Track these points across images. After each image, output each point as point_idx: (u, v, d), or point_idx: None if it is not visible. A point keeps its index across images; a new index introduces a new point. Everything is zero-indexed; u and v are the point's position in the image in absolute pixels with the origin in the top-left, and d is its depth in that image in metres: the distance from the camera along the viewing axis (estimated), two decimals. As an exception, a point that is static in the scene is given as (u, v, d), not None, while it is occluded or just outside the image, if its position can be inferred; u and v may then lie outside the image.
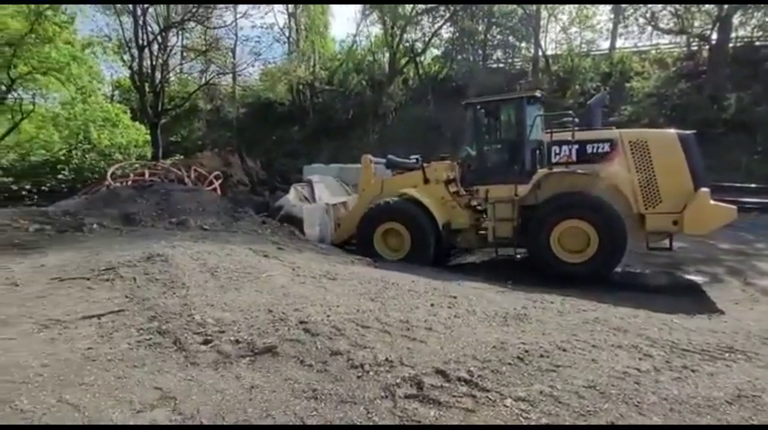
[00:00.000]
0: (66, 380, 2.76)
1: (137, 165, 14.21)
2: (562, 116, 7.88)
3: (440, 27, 28.38)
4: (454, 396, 2.65)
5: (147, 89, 20.40)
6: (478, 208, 8.01)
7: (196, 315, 3.61)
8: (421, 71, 29.61)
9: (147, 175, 10.75)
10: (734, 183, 15.55)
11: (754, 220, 11.35)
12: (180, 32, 23.58)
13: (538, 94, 8.03)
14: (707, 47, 22.78)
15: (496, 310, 4.27)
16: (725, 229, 10.51)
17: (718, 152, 18.24)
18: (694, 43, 23.79)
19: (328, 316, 3.68)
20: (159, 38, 20.63)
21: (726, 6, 20.55)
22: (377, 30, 30.97)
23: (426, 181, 8.25)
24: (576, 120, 7.50)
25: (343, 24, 73.02)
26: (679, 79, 22.07)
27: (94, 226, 6.77)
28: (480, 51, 28.31)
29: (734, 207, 6.91)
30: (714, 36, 22.01)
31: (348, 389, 2.69)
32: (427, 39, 28.94)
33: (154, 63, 20.54)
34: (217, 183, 11.41)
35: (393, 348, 3.20)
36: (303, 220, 8.60)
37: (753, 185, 15.10)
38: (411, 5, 27.49)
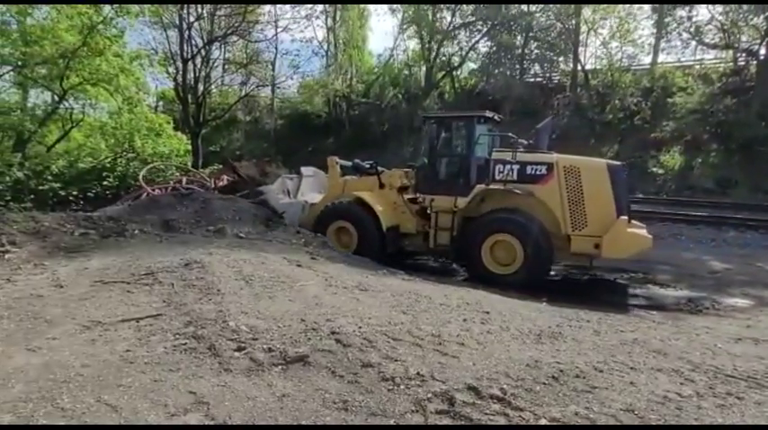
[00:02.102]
0: (105, 381, 2.85)
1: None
2: (509, 137, 8.31)
3: (477, 41, 28.38)
4: (486, 414, 2.60)
5: (189, 100, 21.08)
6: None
7: (230, 322, 3.67)
8: (457, 85, 29.60)
9: (183, 182, 11.04)
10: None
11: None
12: (222, 46, 24.31)
13: (489, 114, 8.54)
14: (754, 62, 21.95)
15: (530, 328, 4.19)
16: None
17: (766, 170, 17.50)
18: (741, 58, 22.94)
19: (360, 327, 3.68)
20: (203, 51, 21.35)
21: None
22: (414, 44, 31.22)
23: (381, 186, 8.85)
24: (524, 142, 8.07)
25: (381, 38, 74.08)
26: (725, 95, 21.32)
27: (136, 231, 6.99)
28: (517, 65, 28.09)
29: (649, 236, 7.37)
30: (762, 51, 21.19)
31: (378, 402, 2.68)
32: (464, 53, 28.96)
33: (197, 75, 21.24)
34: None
35: (425, 362, 3.18)
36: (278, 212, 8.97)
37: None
38: (448, 20, 27.61)
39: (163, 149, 17.95)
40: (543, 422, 2.55)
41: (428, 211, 8.44)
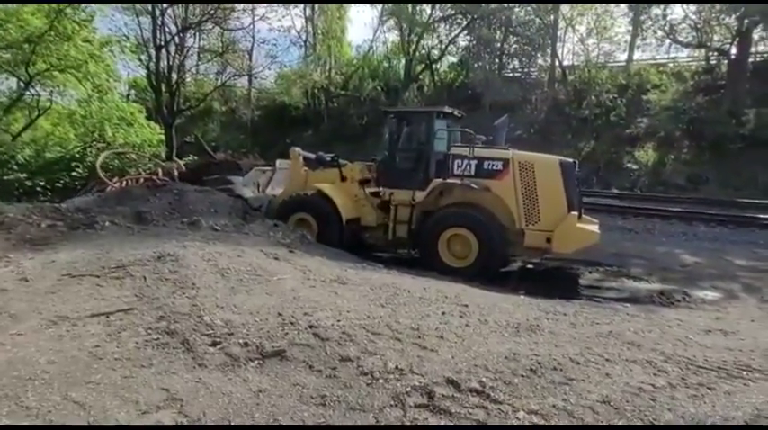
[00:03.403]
0: (73, 377, 2.75)
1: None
2: (468, 133, 8.41)
3: (456, 35, 28.43)
4: (465, 406, 2.60)
5: (163, 89, 20.58)
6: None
7: (205, 316, 3.59)
8: (436, 78, 29.62)
9: (159, 173, 10.66)
10: (752, 199, 15.33)
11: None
12: (197, 34, 23.78)
13: (448, 109, 8.65)
14: (726, 61, 22.53)
15: (509, 320, 4.21)
16: (740, 245, 10.46)
17: (736, 168, 18.04)
18: (713, 57, 23.52)
19: (338, 321, 3.64)
20: (177, 38, 20.84)
21: (746, 20, 20.31)
22: (393, 36, 31.12)
23: (343, 179, 8.87)
24: (482, 137, 8.13)
25: (360, 30, 73.48)
26: (697, 93, 21.87)
27: (106, 223, 6.78)
28: (497, 60, 28.27)
29: (597, 231, 7.59)
30: (734, 50, 21.77)
31: (357, 397, 2.65)
32: (444, 46, 28.99)
33: (170, 63, 20.73)
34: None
35: (404, 356, 3.15)
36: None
37: (769, 202, 14.84)
38: (428, 13, 27.55)
39: (135, 139, 17.51)
40: (521, 414, 2.56)
41: (389, 205, 8.48)
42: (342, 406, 2.57)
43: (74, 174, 14.19)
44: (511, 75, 28.52)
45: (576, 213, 7.37)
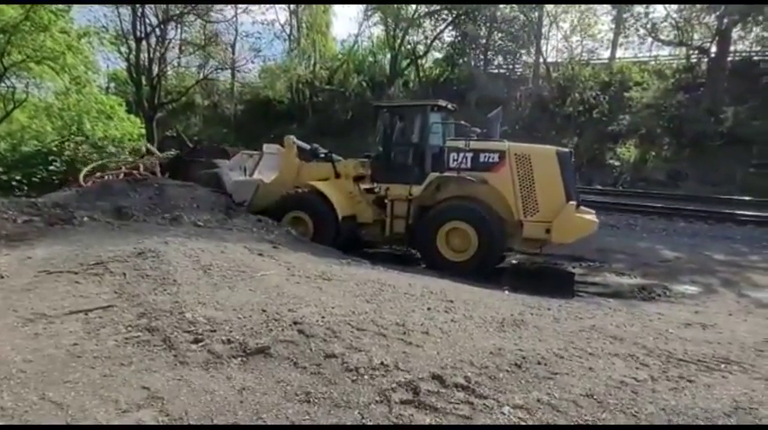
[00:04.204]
0: (50, 377, 2.68)
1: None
2: (463, 126, 8.44)
3: (442, 30, 28.44)
4: (450, 402, 2.60)
5: (143, 82, 20.23)
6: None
7: (187, 313, 3.53)
8: (422, 74, 29.59)
9: (140, 168, 10.42)
10: (730, 196, 15.66)
11: (750, 233, 11.37)
12: (179, 26, 23.38)
13: (442, 103, 8.57)
14: (706, 60, 22.93)
15: (493, 316, 4.22)
16: (719, 240, 10.68)
17: (714, 164, 18.38)
18: (693, 56, 23.92)
19: (323, 317, 3.61)
20: (157, 30, 20.50)
21: (725, 20, 20.68)
22: (379, 31, 30.99)
23: (337, 175, 8.79)
24: (477, 130, 8.15)
25: (345, 24, 72.74)
26: (677, 91, 22.22)
27: (85, 219, 6.64)
28: (482, 56, 28.36)
29: (595, 220, 7.60)
30: (713, 49, 22.16)
31: (342, 393, 2.63)
32: (429, 41, 28.96)
33: (151, 56, 20.39)
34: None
35: (389, 352, 3.14)
36: (230, 192, 8.83)
37: (748, 198, 15.16)
38: (414, 8, 27.47)
39: (115, 133, 17.13)
40: (506, 409, 2.56)
41: (384, 200, 8.42)
42: (327, 402, 2.54)
43: (51, 168, 13.83)
44: (496, 71, 28.68)
45: (574, 203, 7.35)
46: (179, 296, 3.87)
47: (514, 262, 8.77)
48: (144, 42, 19.80)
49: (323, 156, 9.24)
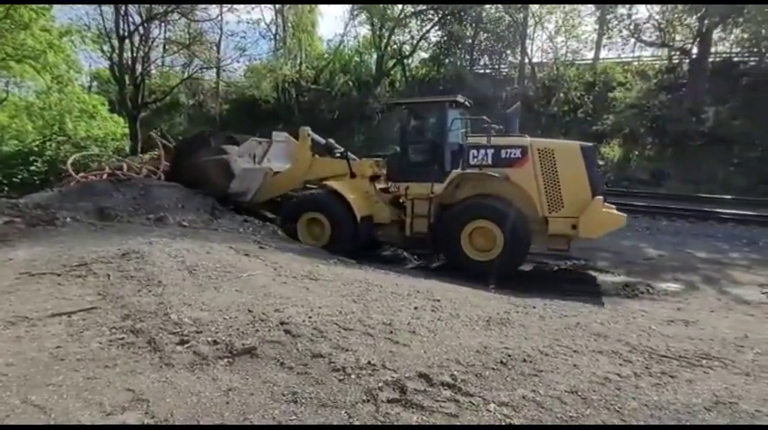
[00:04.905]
0: (32, 380, 2.64)
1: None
2: (482, 122, 8.22)
3: (428, 30, 28.50)
4: (437, 400, 2.61)
5: (126, 81, 19.95)
6: (404, 204, 8.30)
7: (172, 314, 3.50)
8: (408, 74, 29.64)
9: (124, 168, 10.26)
10: (711, 194, 15.94)
11: (731, 231, 11.59)
12: (163, 24, 23.10)
13: (461, 99, 8.42)
14: (687, 60, 23.30)
15: (480, 314, 4.26)
16: (700, 238, 10.86)
17: (696, 163, 18.69)
18: (675, 56, 24.30)
19: (310, 317, 3.61)
20: (141, 29, 20.20)
21: (706, 21, 21.04)
22: (365, 30, 30.97)
23: (353, 175, 8.61)
24: (496, 126, 7.92)
25: (331, 23, 72.47)
26: (660, 91, 22.54)
27: (67, 220, 6.55)
28: (468, 56, 28.50)
29: (623, 214, 7.46)
30: (695, 50, 22.53)
31: (329, 393, 2.62)
32: (415, 41, 29.02)
33: (135, 55, 20.10)
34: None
35: (376, 351, 3.15)
36: (235, 176, 8.66)
37: (729, 197, 15.44)
38: (400, 8, 27.51)
39: (98, 132, 16.91)
40: (492, 406, 2.59)
41: (401, 200, 8.27)
42: (314, 402, 2.54)
43: (32, 168, 13.61)
44: (482, 71, 28.85)
45: (601, 197, 7.27)
46: (164, 297, 3.84)
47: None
48: (127, 41, 19.52)
49: (339, 155, 9.07)
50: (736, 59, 23.76)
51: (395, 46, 29.30)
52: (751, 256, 9.43)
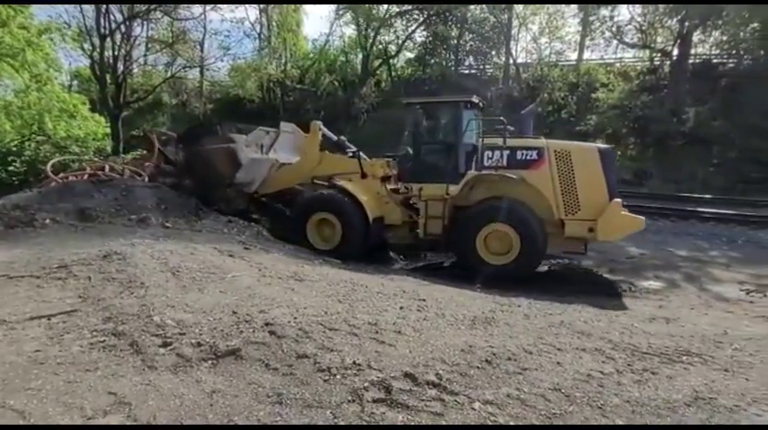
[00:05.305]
0: (11, 384, 2.59)
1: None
2: (496, 123, 8.18)
3: (413, 30, 28.53)
4: (422, 400, 2.62)
5: (108, 80, 19.66)
6: (415, 205, 8.20)
7: (155, 316, 3.46)
8: (394, 74, 29.66)
9: (106, 169, 10.07)
10: (691, 194, 16.22)
11: (711, 229, 11.80)
12: (145, 23, 22.78)
13: (475, 99, 8.31)
14: (668, 62, 23.68)
15: (465, 314, 4.28)
16: (681, 237, 11.05)
17: (677, 163, 19.01)
18: (657, 58, 24.68)
19: (295, 318, 3.59)
20: (123, 27, 19.91)
21: (686, 23, 21.42)
22: (350, 30, 30.85)
23: (364, 176, 8.45)
24: (510, 127, 7.79)
25: (316, 23, 72.12)
26: (642, 92, 22.87)
27: (47, 221, 6.44)
28: (453, 56, 28.62)
29: (642, 217, 7.38)
30: (675, 52, 22.92)
31: (314, 394, 2.62)
32: (401, 41, 29.03)
33: (116, 53, 19.81)
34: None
35: (361, 351, 3.15)
36: (242, 166, 8.48)
37: (709, 196, 15.73)
38: (385, 8, 27.51)
39: (78, 132, 16.62)
40: (477, 405, 2.60)
41: (411, 201, 8.16)
42: (299, 403, 2.53)
43: (11, 169, 13.33)
44: (467, 71, 28.97)
45: (619, 200, 7.19)
46: (146, 299, 3.79)
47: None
48: (108, 39, 19.22)
49: (351, 154, 8.92)
50: (715, 61, 24.19)
51: (380, 46, 29.30)
52: (730, 254, 9.63)
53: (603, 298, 6.54)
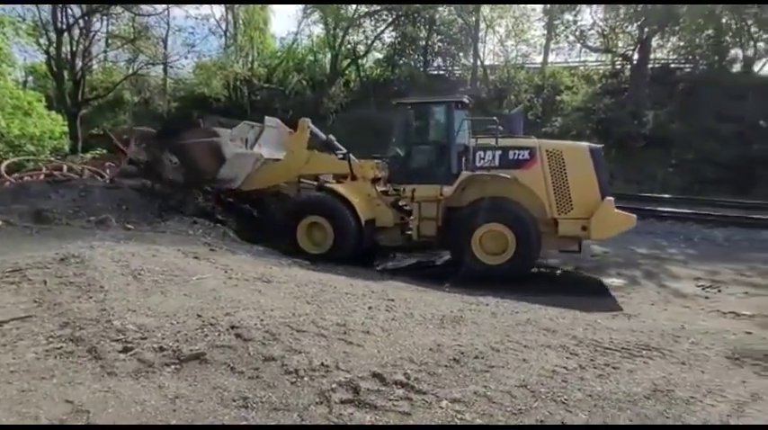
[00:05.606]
0: (-41, 394, 2.46)
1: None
2: (487, 122, 8.23)
3: (382, 31, 28.58)
4: (390, 399, 2.62)
5: (65, 76, 18.96)
6: (405, 207, 8.18)
7: (115, 321, 3.34)
8: (363, 74, 29.62)
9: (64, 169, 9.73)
10: (651, 194, 16.80)
11: (669, 228, 12.23)
12: (105, 18, 22.02)
13: (466, 99, 8.34)
14: (629, 66, 24.47)
15: (434, 313, 4.30)
16: (642, 235, 11.40)
17: (638, 164, 19.65)
18: (618, 62, 25.46)
19: (262, 320, 3.54)
20: (81, 22, 19.23)
21: (646, 29, 22.18)
22: (319, 29, 30.64)
23: (354, 178, 8.35)
24: (501, 128, 7.84)
25: (284, 21, 71.27)
26: (604, 95, 23.55)
27: (0, 223, 6.16)
28: (422, 57, 28.81)
29: (633, 215, 7.56)
30: (636, 56, 23.72)
31: (281, 396, 2.58)
32: (369, 42, 29.03)
33: (74, 49, 19.14)
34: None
35: (329, 352, 3.12)
36: (226, 161, 8.29)
37: (668, 196, 16.33)
38: (353, 8, 27.45)
39: (33, 130, 15.93)
40: (444, 403, 2.62)
41: (401, 203, 8.10)
42: (265, 406, 2.49)
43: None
44: (436, 72, 29.21)
45: (611, 199, 7.32)
46: (106, 303, 3.67)
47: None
48: (66, 34, 18.54)
49: (341, 156, 8.76)
50: (673, 66, 25.15)
51: (349, 46, 29.21)
52: (687, 252, 10.02)
53: (571, 296, 6.67)
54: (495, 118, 8.09)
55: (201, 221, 7.84)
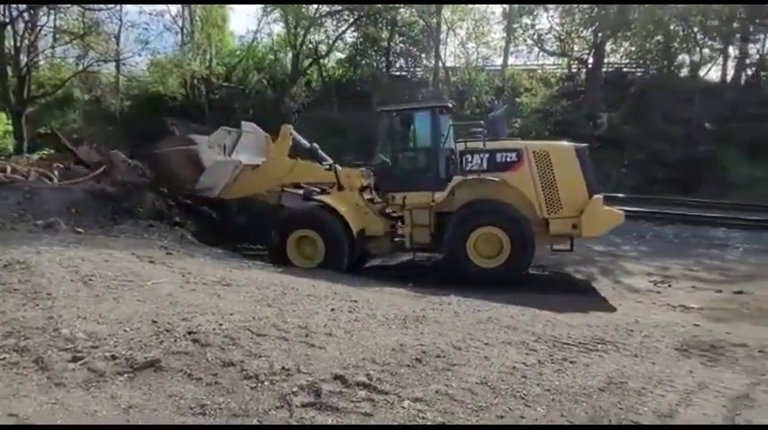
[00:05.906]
0: None
1: None
2: (472, 126, 8.24)
3: (344, 31, 28.45)
4: (352, 401, 2.60)
5: (9, 73, 18.04)
6: (393, 214, 8.11)
7: (63, 329, 3.18)
8: (325, 74, 29.40)
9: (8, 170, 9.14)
10: (606, 194, 17.37)
11: (622, 226, 12.67)
12: (53, 11, 21.03)
13: (450, 104, 8.34)
14: (584, 70, 25.31)
15: (396, 313, 4.31)
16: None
17: (594, 165, 20.27)
18: (574, 65, 26.29)
19: (221, 324, 3.45)
20: (26, 15, 18.33)
21: (600, 34, 22.99)
22: (279, 28, 30.19)
23: (341, 188, 8.19)
24: (484, 131, 7.88)
25: (243, 19, 69.76)
26: (561, 97, 24.26)
27: (-63, 227, 5.79)
28: (384, 58, 28.87)
29: (622, 212, 7.73)
30: (590, 60, 24.54)
31: (241, 402, 2.52)
32: (331, 41, 28.85)
33: (18, 44, 18.23)
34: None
35: (290, 356, 3.08)
36: (205, 169, 8.08)
37: (621, 195, 16.92)
38: (314, 7, 27.21)
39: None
40: (406, 403, 2.62)
41: (388, 211, 8.01)
42: (224, 413, 2.42)
43: None
44: (398, 73, 29.32)
45: (600, 196, 7.38)
46: (54, 311, 3.49)
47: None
48: (9, 28, 17.62)
49: (327, 168, 8.51)
50: (625, 70, 26.19)
51: (310, 45, 28.91)
52: (640, 249, 10.45)
53: (533, 293, 6.81)
54: (481, 122, 8.11)
55: (158, 224, 7.59)
